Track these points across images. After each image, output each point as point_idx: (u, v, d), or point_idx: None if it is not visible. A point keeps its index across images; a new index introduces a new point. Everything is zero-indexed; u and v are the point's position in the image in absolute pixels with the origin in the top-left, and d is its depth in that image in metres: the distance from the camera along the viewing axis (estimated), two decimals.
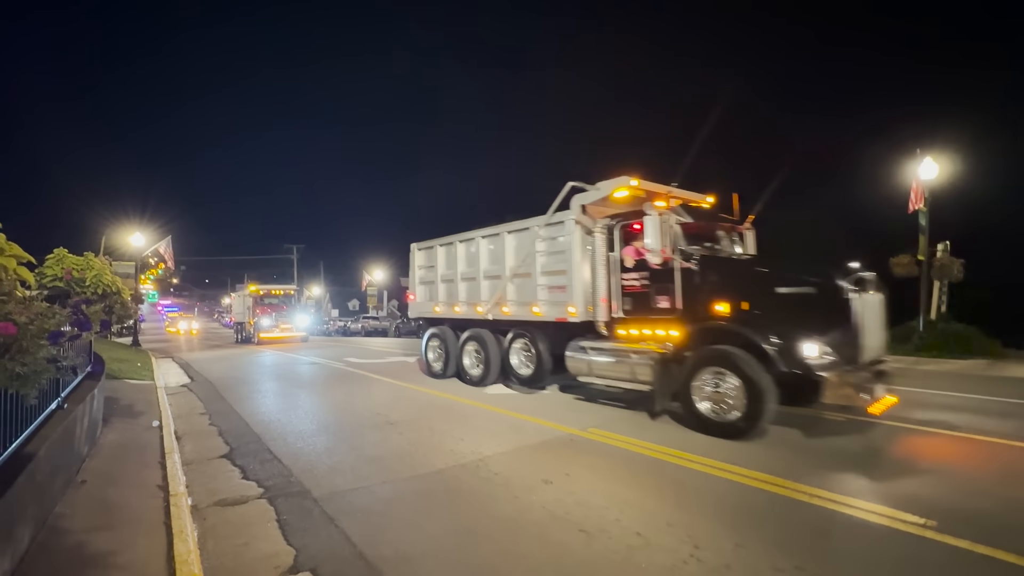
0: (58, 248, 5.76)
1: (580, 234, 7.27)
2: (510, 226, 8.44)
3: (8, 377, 1.79)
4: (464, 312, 9.34)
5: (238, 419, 6.97)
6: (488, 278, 8.89)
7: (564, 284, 7.45)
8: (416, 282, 10.83)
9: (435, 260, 10.13)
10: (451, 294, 9.72)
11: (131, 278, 19.05)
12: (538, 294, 7.83)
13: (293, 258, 42.28)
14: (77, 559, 2.93)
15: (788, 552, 3.03)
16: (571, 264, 7.29)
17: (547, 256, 7.79)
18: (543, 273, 7.82)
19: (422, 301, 10.69)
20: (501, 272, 8.52)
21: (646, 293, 6.61)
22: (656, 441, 5.40)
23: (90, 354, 6.69)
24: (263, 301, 25.17)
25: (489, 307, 8.67)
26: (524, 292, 8.15)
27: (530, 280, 7.98)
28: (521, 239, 8.25)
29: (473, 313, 9.08)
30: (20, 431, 3.30)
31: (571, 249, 7.30)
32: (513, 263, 8.33)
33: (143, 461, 4.88)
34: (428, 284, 10.47)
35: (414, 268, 10.85)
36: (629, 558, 3.01)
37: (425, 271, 10.59)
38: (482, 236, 9.01)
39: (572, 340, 7.42)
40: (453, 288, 9.65)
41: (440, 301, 10.00)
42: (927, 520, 3.37)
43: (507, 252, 8.46)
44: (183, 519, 3.51)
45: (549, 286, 7.74)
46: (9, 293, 1.75)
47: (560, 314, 7.43)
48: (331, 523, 3.54)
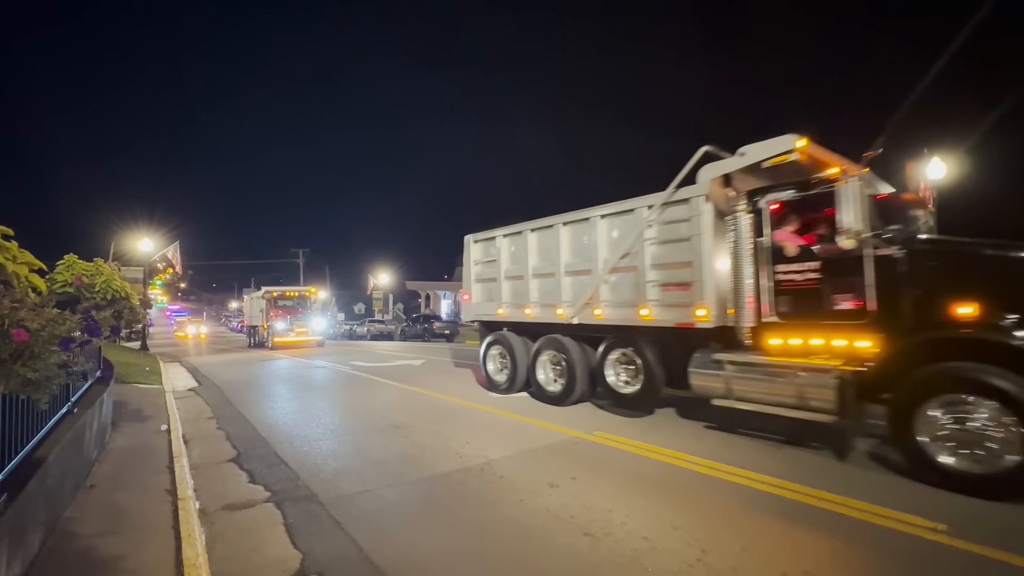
0: (68, 254, 5.83)
1: (712, 215, 5.77)
2: (605, 209, 7.00)
3: (20, 383, 1.81)
4: (538, 315, 7.97)
5: (245, 423, 7.01)
6: (571, 274, 7.48)
7: (688, 280, 5.91)
8: (472, 280, 9.36)
9: (497, 254, 8.70)
10: (519, 294, 8.35)
11: (140, 283, 19.23)
12: (647, 293, 6.36)
13: (299, 262, 42.55)
14: (87, 563, 2.96)
15: (796, 556, 3.02)
16: (699, 254, 5.79)
17: (662, 245, 6.28)
18: (655, 267, 6.33)
19: (480, 302, 9.24)
20: (591, 266, 7.10)
21: (815, 290, 5.07)
22: (662, 444, 5.38)
23: (99, 359, 6.76)
24: (277, 303, 23.97)
25: (575, 309, 7.25)
26: (626, 291, 6.68)
27: (635, 276, 6.53)
28: (621, 225, 6.79)
29: (550, 316, 7.68)
30: (31, 436, 3.35)
31: (700, 235, 5.79)
32: (609, 255, 6.88)
33: (151, 465, 4.91)
34: (487, 282, 9.07)
35: (469, 264, 9.41)
36: (635, 561, 3.00)
37: (483, 267, 9.18)
38: (563, 223, 7.58)
39: (697, 352, 5.89)
40: (522, 287, 8.27)
41: (504, 302, 8.60)
42: (937, 524, 3.34)
43: (600, 242, 7.01)
44: (191, 523, 3.54)
45: (664, 283, 6.24)
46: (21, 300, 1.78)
47: (682, 318, 5.96)
48: (338, 527, 3.55)
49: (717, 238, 5.82)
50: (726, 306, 5.80)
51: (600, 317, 6.97)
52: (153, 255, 21.74)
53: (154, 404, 8.10)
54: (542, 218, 7.97)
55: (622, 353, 6.87)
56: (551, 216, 7.80)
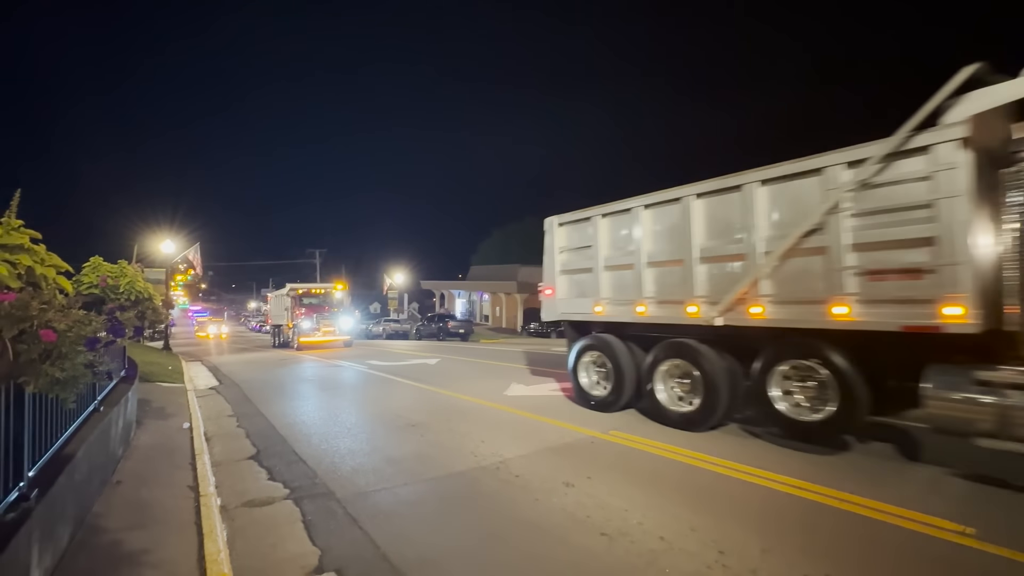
0: (94, 257, 5.98)
1: (973, 169, 4.04)
2: (766, 172, 5.34)
3: (49, 382, 1.87)
4: (657, 314, 6.37)
5: (264, 421, 7.12)
6: (709, 261, 5.85)
7: (924, 265, 4.26)
8: (556, 271, 7.89)
9: (594, 238, 7.23)
10: (625, 287, 6.81)
11: (162, 284, 19.68)
12: (845, 284, 4.70)
13: (316, 262, 43.14)
14: (113, 557, 3.04)
15: (817, 559, 2.96)
16: (950, 226, 4.10)
17: (874, 217, 4.59)
18: (861, 247, 4.65)
19: (567, 297, 7.78)
20: (744, 250, 5.49)
21: None
22: (679, 444, 5.33)
23: (124, 358, 6.94)
24: (302, 301, 22.53)
25: (719, 307, 5.60)
26: (807, 282, 5.02)
27: (823, 261, 4.88)
28: (795, 193, 5.13)
29: (677, 316, 6.11)
30: (60, 433, 3.45)
31: (953, 198, 4.08)
32: (772, 234, 5.28)
33: (174, 462, 5.03)
34: (578, 273, 7.61)
35: (552, 252, 7.96)
36: (652, 562, 2.97)
37: (572, 255, 7.73)
38: (695, 195, 5.92)
39: (934, 366, 4.24)
40: (630, 278, 6.73)
41: (604, 298, 7.09)
42: (966, 527, 3.25)
43: (758, 217, 5.38)
44: (213, 519, 3.61)
45: (877, 270, 4.56)
46: (49, 301, 1.84)
47: (916, 319, 4.27)
48: (355, 524, 3.59)
49: (980, 203, 4.07)
50: (995, 303, 4.04)
51: (760, 317, 5.32)
52: (174, 256, 22.22)
53: (176, 402, 8.28)
54: (659, 191, 6.39)
55: (794, 366, 5.17)
56: (672, 188, 6.22)
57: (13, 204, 2.00)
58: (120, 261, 6.24)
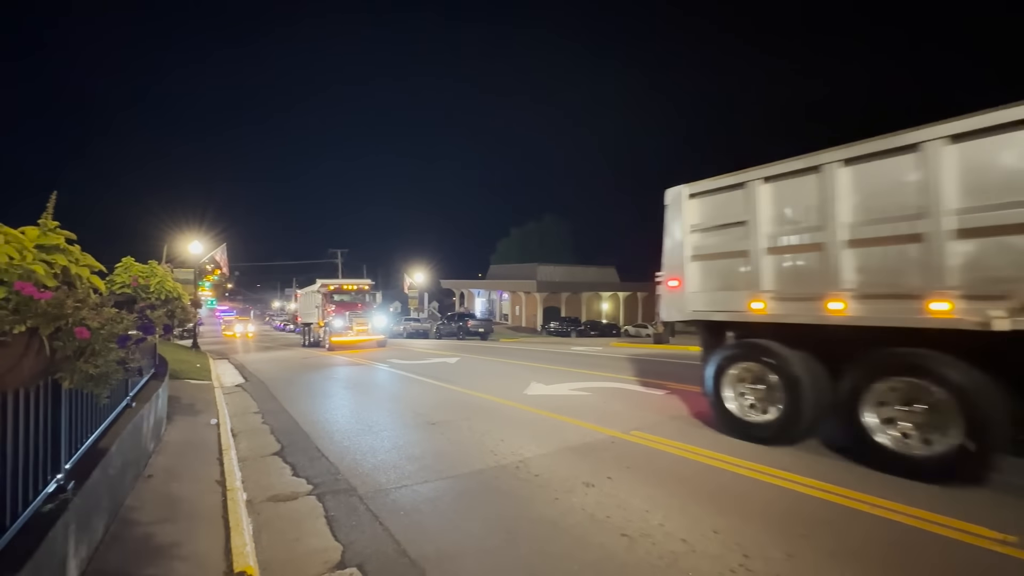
0: (126, 257, 6.19)
1: None
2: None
3: (83, 378, 1.93)
4: (862, 313, 4.61)
5: (288, 418, 7.26)
6: (975, 235, 3.97)
7: None
8: (685, 256, 6.22)
9: (751, 211, 5.52)
10: (806, 276, 5.11)
11: (191, 284, 20.24)
12: None
13: (338, 262, 43.81)
14: (145, 549, 3.13)
15: (845, 565, 2.87)
16: None
17: None
18: None
19: (701, 291, 6.13)
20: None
21: None
22: (702, 445, 5.24)
23: (155, 356, 7.16)
24: (333, 298, 21.18)
25: (1012, 303, 3.71)
26: None
27: None
28: None
29: (906, 313, 4.30)
30: (94, 428, 3.57)
31: None
32: None
33: (203, 457, 5.16)
34: (723, 259, 5.91)
35: (678, 232, 6.32)
36: (673, 564, 2.93)
37: (711, 235, 6.07)
38: (950, 136, 4.08)
39: None
40: (817, 264, 4.98)
41: (767, 291, 5.39)
42: (1007, 536, 3.11)
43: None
44: (239, 513, 3.69)
45: None
46: (83, 300, 1.90)
47: None
48: (376, 520, 3.63)
49: None
50: None
51: None
52: (202, 256, 22.84)
53: (204, 399, 8.50)
54: (867, 140, 4.64)
55: None
56: (899, 132, 4.41)
57: (49, 206, 2.07)
58: (151, 261, 6.43)
